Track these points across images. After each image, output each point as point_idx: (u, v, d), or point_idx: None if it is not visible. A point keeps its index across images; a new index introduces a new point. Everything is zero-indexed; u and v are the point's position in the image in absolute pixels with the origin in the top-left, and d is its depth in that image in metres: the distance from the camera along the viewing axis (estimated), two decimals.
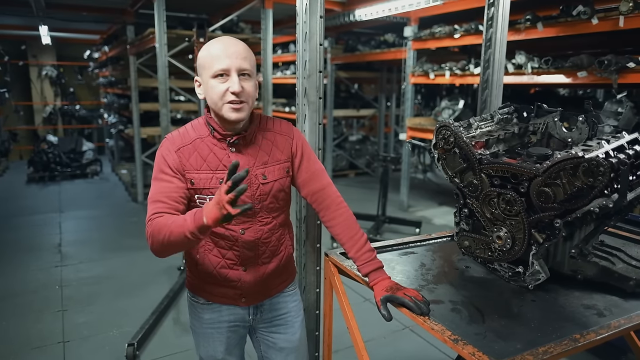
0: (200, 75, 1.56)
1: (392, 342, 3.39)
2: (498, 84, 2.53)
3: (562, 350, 1.24)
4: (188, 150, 1.56)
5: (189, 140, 1.58)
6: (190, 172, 1.55)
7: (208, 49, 1.53)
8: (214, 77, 1.50)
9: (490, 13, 2.47)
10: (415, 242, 2.10)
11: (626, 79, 3.79)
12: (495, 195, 1.60)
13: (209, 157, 1.56)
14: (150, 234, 1.47)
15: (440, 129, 1.74)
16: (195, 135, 1.59)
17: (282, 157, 1.64)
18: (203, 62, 1.53)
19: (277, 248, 1.70)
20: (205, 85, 1.54)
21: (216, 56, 1.50)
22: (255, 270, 1.66)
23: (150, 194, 1.55)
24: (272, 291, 1.76)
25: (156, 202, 1.53)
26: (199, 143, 1.57)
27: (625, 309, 1.48)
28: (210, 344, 1.76)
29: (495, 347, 1.26)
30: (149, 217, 1.50)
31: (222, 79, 1.50)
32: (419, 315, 1.43)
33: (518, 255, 1.61)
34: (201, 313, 1.74)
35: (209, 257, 1.64)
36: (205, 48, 1.55)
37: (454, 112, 6.19)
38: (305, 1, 1.82)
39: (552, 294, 1.60)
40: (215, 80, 1.50)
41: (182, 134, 1.60)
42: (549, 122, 1.85)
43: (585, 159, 1.34)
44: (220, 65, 1.48)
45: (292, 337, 1.81)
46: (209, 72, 1.51)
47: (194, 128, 1.61)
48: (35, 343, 3.32)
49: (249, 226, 1.60)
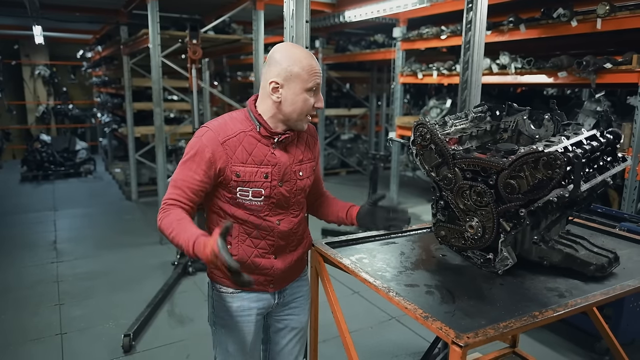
0: (290, 82, 1.59)
1: (379, 332, 3.52)
2: (477, 84, 2.66)
3: (521, 325, 1.37)
4: (233, 142, 1.61)
5: (233, 133, 1.62)
6: (237, 165, 1.61)
7: (307, 62, 1.59)
8: (307, 91, 1.60)
9: (469, 17, 2.60)
10: (396, 233, 2.23)
11: (604, 79, 3.95)
12: (467, 187, 1.73)
13: (255, 152, 1.63)
14: (160, 220, 1.57)
15: (417, 126, 1.86)
16: (238, 129, 1.63)
17: (312, 157, 1.82)
18: (301, 74, 1.58)
19: (302, 237, 1.87)
20: (293, 95, 1.60)
21: (315, 72, 1.60)
22: (284, 258, 1.80)
23: (175, 176, 1.62)
24: (295, 276, 1.92)
25: (176, 189, 1.60)
26: (243, 137, 1.63)
27: (584, 291, 1.62)
28: (240, 335, 1.80)
29: (462, 323, 1.39)
30: (165, 200, 1.60)
31: (312, 93, 1.62)
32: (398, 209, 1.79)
33: (488, 243, 1.74)
34: (230, 302, 1.78)
35: (243, 248, 1.72)
36: (299, 58, 1.59)
37: (442, 111, 6.33)
38: (291, 7, 1.94)
39: (519, 279, 1.74)
40: (308, 94, 1.61)
41: (223, 126, 1.63)
42: (518, 120, 1.98)
43: (544, 153, 1.47)
44: (318, 81, 1.61)
45: (303, 318, 1.99)
46: (306, 84, 1.59)
47: (234, 120, 1.66)
48: (33, 335, 3.43)
49: (283, 217, 1.74)
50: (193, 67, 4.63)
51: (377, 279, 1.68)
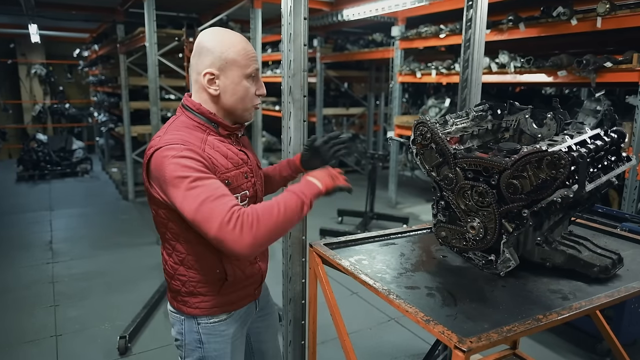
0: (226, 71, 1.45)
1: (378, 334, 3.48)
2: (477, 82, 2.62)
3: (525, 329, 1.34)
4: (209, 151, 1.43)
5: (199, 141, 1.43)
6: (224, 173, 1.44)
7: (242, 46, 1.45)
8: (247, 78, 1.47)
9: (469, 15, 2.56)
10: (396, 234, 2.19)
11: (604, 78, 3.92)
12: (468, 187, 1.69)
13: (229, 155, 1.49)
14: (250, 223, 1.26)
15: (418, 125, 1.83)
16: (198, 136, 1.45)
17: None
18: (237, 59, 1.44)
19: None
20: (232, 84, 1.46)
21: (252, 56, 1.47)
22: (264, 258, 1.72)
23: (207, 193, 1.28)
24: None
25: (224, 196, 1.30)
26: (212, 141, 1.47)
27: (588, 293, 1.59)
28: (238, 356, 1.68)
29: (464, 326, 1.35)
30: (232, 209, 1.27)
31: (253, 80, 1.49)
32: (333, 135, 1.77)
33: (490, 244, 1.70)
34: (225, 330, 1.60)
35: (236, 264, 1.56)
36: (233, 43, 1.45)
37: (441, 110, 6.30)
38: (289, 3, 1.90)
39: (521, 280, 1.70)
40: (248, 81, 1.48)
41: (186, 136, 1.41)
42: (520, 119, 1.95)
43: (548, 153, 1.44)
44: (256, 66, 1.48)
45: (275, 314, 1.95)
46: (244, 71, 1.46)
47: (190, 128, 1.47)
48: (29, 337, 3.39)
49: None
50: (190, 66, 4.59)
51: (378, 281, 1.65)
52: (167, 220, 1.47)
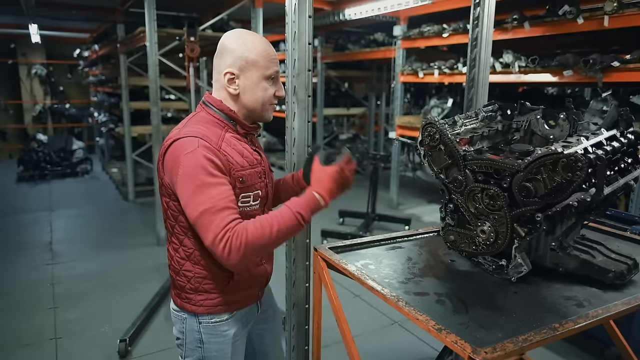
0: (246, 71, 1.49)
1: (382, 337, 3.43)
2: (484, 82, 2.57)
3: (541, 338, 1.28)
4: (225, 147, 1.45)
5: (217, 137, 1.45)
6: (239, 171, 1.46)
7: (263, 47, 1.49)
8: (267, 79, 1.51)
9: (476, 13, 2.51)
10: (402, 237, 2.14)
11: (611, 77, 3.87)
12: (479, 190, 1.64)
13: (245, 153, 1.51)
14: (238, 247, 1.30)
15: (426, 126, 1.78)
16: (217, 132, 1.47)
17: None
18: (258, 60, 1.48)
19: None
20: (252, 84, 1.50)
21: (272, 58, 1.51)
22: (270, 260, 1.73)
23: (210, 203, 1.33)
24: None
25: (225, 210, 1.34)
26: (229, 138, 1.49)
27: (604, 300, 1.54)
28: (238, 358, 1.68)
29: (478, 335, 1.30)
30: (226, 226, 1.31)
31: (272, 81, 1.53)
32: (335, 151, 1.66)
33: (501, 248, 1.65)
34: (226, 331, 1.60)
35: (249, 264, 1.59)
36: (254, 44, 1.49)
37: (443, 110, 6.25)
38: (294, 1, 1.85)
39: (534, 286, 1.65)
40: (267, 82, 1.51)
41: (205, 131, 1.44)
42: (531, 120, 1.90)
43: (564, 155, 1.39)
44: (276, 68, 1.52)
45: (278, 317, 1.96)
46: (264, 72, 1.50)
47: (209, 124, 1.49)
48: (28, 340, 3.34)
49: None
50: (190, 66, 4.54)
51: (385, 287, 1.60)
52: (178, 213, 1.48)
